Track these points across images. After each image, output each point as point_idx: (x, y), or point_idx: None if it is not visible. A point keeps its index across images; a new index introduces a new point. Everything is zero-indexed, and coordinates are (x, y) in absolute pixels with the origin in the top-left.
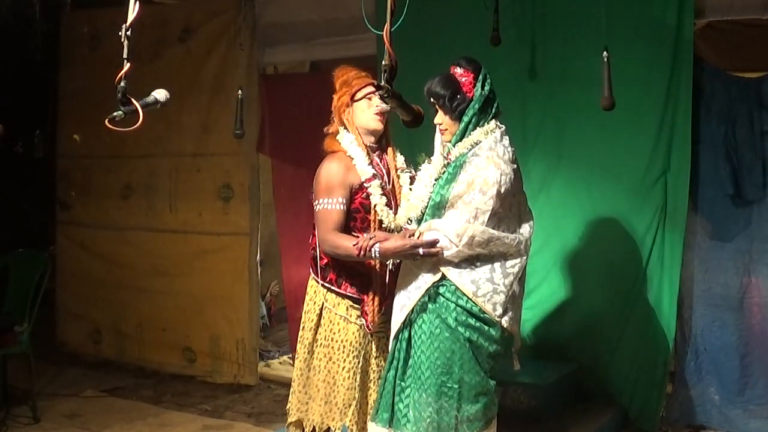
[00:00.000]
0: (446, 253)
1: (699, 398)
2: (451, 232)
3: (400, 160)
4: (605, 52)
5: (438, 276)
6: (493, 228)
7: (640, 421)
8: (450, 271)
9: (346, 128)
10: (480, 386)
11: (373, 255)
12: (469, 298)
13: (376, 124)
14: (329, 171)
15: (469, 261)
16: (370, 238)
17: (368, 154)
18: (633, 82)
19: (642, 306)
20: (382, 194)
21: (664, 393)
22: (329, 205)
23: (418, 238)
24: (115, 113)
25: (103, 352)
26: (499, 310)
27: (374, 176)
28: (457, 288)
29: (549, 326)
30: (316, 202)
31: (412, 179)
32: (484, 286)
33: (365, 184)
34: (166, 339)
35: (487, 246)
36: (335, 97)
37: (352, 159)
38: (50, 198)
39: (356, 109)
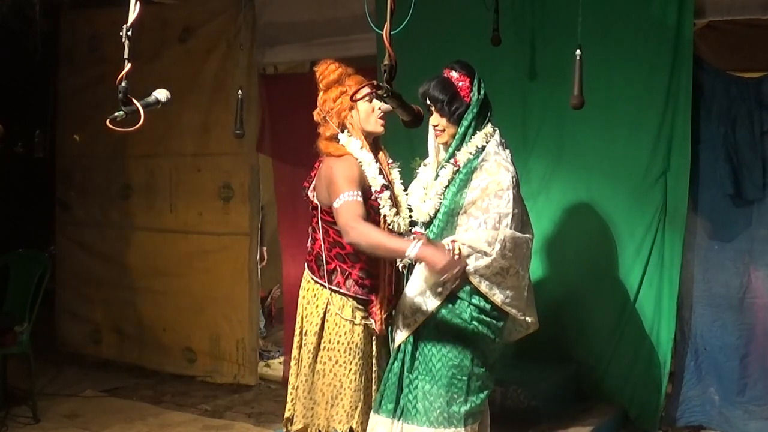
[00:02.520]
0: (480, 263)
1: (699, 398)
2: (481, 243)
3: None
4: (578, 50)
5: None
6: (514, 230)
7: (640, 421)
8: (482, 285)
9: (347, 131)
10: (486, 378)
11: (408, 254)
12: (496, 305)
13: (381, 128)
14: (347, 168)
15: (500, 273)
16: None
17: (377, 160)
18: (633, 82)
19: (642, 306)
20: (392, 205)
21: (664, 393)
22: (352, 197)
23: (454, 250)
24: (116, 113)
25: (103, 352)
26: (523, 308)
27: (385, 187)
28: (472, 289)
29: (549, 326)
30: (340, 196)
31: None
32: (511, 294)
33: (376, 195)
34: (166, 339)
35: (514, 250)
36: (328, 97)
37: (362, 165)
38: (50, 198)
39: (360, 112)
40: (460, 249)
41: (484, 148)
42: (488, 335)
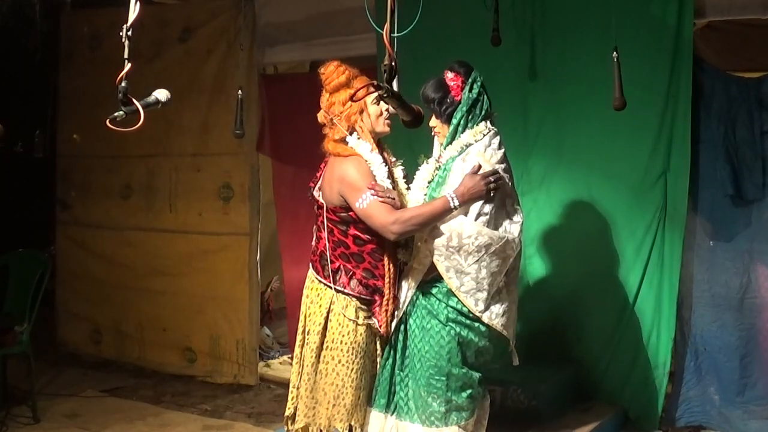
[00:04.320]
0: (438, 241)
1: (699, 398)
2: (443, 226)
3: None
4: (615, 53)
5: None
6: (483, 226)
7: (640, 421)
8: (440, 264)
9: (356, 134)
10: (466, 378)
11: (453, 205)
12: (452, 292)
13: (388, 129)
14: (359, 167)
15: (459, 259)
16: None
17: (385, 162)
18: (633, 82)
19: (642, 306)
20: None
21: (664, 393)
22: (376, 196)
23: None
24: (116, 113)
25: (103, 352)
26: (481, 306)
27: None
28: (449, 290)
29: (549, 326)
30: (362, 197)
31: (405, 174)
32: (467, 283)
33: None
34: (166, 339)
35: (475, 239)
36: (336, 100)
37: (371, 166)
38: (50, 198)
39: (372, 115)
40: (478, 164)
41: (470, 146)
42: (468, 337)
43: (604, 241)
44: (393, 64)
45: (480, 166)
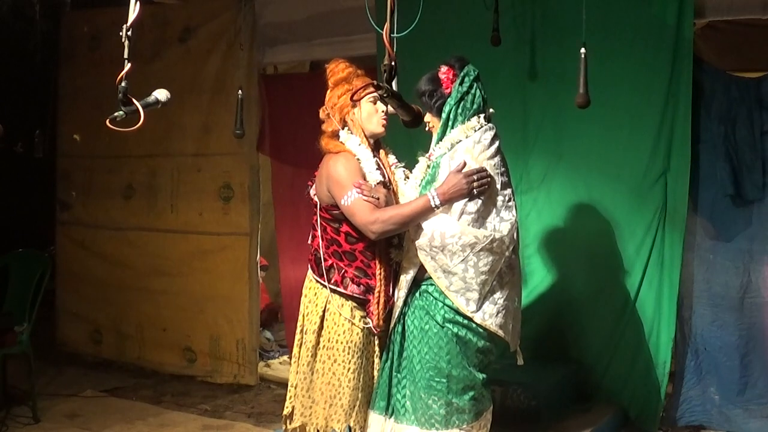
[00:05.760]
0: (421, 240)
1: (699, 398)
2: (426, 226)
3: (392, 158)
4: (582, 49)
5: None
6: (468, 225)
7: (640, 421)
8: (427, 264)
9: (347, 128)
10: (468, 380)
11: (434, 204)
12: (441, 291)
13: (382, 129)
14: (346, 164)
15: (444, 258)
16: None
17: (376, 157)
18: (633, 82)
19: (642, 306)
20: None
21: (664, 393)
22: (360, 193)
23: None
24: (116, 113)
25: (103, 352)
26: (473, 306)
27: (383, 184)
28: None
29: (549, 326)
30: (347, 194)
31: (406, 175)
32: (456, 283)
33: None
34: (166, 339)
35: (459, 239)
36: (333, 93)
37: (360, 161)
38: (50, 198)
39: (363, 111)
40: (464, 162)
41: (460, 142)
42: (467, 337)
43: (604, 242)
44: (393, 64)
45: (465, 164)
